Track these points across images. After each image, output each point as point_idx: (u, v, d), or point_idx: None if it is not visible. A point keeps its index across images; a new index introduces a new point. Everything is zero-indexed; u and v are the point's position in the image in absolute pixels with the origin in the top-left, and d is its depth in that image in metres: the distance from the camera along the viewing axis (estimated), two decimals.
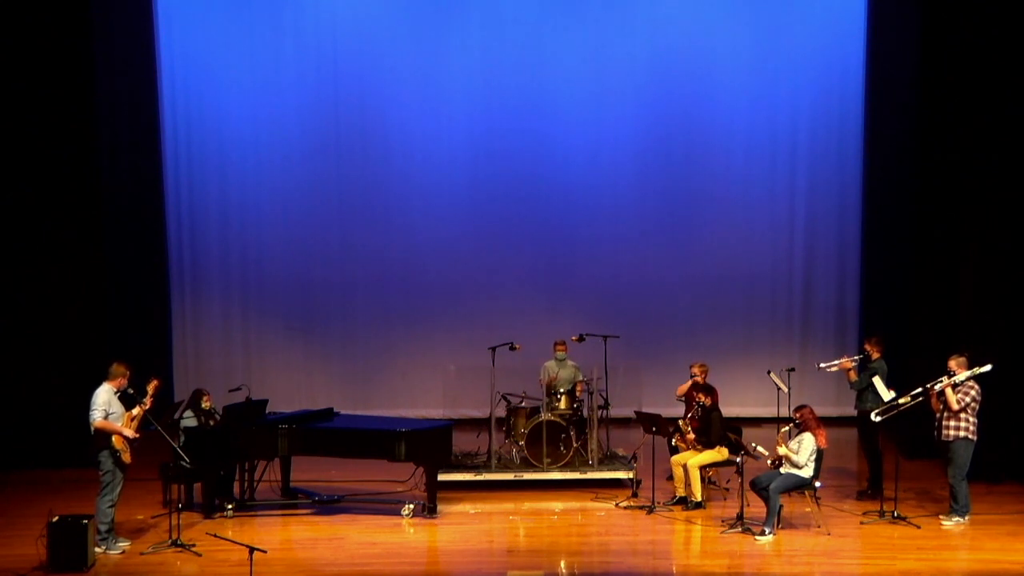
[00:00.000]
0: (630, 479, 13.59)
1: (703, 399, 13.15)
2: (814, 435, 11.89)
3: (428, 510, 12.67)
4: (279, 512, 13.11)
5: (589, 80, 17.56)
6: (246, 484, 13.16)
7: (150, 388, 11.67)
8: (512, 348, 14.35)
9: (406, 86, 17.60)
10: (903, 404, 12.18)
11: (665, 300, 17.81)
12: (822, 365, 13.64)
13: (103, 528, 11.39)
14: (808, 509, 12.28)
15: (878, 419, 12.26)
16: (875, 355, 13.21)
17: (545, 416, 13.86)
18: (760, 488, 11.90)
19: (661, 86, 17.56)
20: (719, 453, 12.95)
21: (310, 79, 17.63)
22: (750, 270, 17.78)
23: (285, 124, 17.66)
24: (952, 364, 12.00)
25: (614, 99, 17.58)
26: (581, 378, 14.60)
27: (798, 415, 12.03)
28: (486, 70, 17.59)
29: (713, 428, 12.95)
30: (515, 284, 17.75)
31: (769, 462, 12.03)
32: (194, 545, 11.50)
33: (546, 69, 17.54)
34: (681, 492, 12.94)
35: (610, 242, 17.76)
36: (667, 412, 13.87)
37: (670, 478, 13.26)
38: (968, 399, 11.99)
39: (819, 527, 12.03)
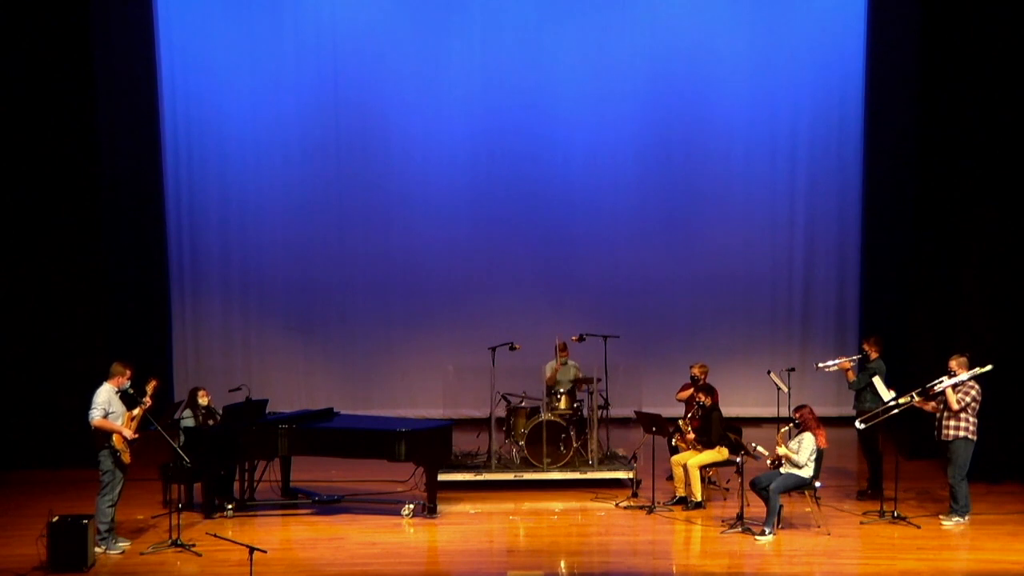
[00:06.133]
0: (630, 479, 13.58)
1: (703, 399, 13.14)
2: (814, 435, 11.89)
3: (428, 510, 12.66)
4: (279, 512, 13.11)
5: (589, 80, 17.55)
6: (246, 484, 13.15)
7: (148, 388, 11.70)
8: (512, 348, 14.34)
9: (406, 86, 17.60)
10: (894, 407, 12.17)
11: (665, 300, 17.80)
12: (820, 365, 13.62)
13: (103, 528, 11.39)
14: (808, 509, 12.27)
15: (862, 426, 12.29)
16: (873, 355, 13.20)
17: (545, 416, 13.86)
18: (760, 488, 11.89)
19: (661, 86, 17.56)
20: (719, 453, 12.95)
21: (310, 79, 17.62)
22: (750, 270, 17.77)
23: (285, 124, 17.66)
24: (953, 364, 12.00)
25: (614, 99, 17.57)
26: (581, 377, 14.59)
27: (797, 415, 12.03)
28: (486, 70, 17.59)
29: (713, 428, 12.94)
30: (515, 284, 17.75)
31: (769, 462, 12.03)
32: (194, 545, 11.50)
33: (546, 69, 17.53)
34: (681, 492, 12.94)
35: (610, 242, 17.77)
36: (667, 412, 13.87)
37: (670, 478, 13.26)
38: (968, 399, 11.98)
39: (819, 527, 12.02)
